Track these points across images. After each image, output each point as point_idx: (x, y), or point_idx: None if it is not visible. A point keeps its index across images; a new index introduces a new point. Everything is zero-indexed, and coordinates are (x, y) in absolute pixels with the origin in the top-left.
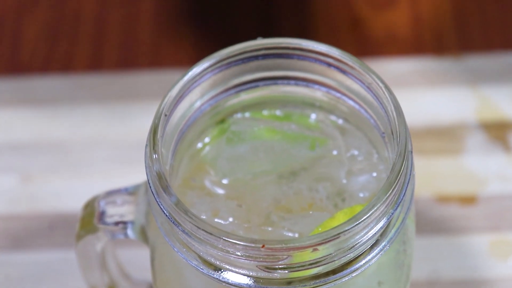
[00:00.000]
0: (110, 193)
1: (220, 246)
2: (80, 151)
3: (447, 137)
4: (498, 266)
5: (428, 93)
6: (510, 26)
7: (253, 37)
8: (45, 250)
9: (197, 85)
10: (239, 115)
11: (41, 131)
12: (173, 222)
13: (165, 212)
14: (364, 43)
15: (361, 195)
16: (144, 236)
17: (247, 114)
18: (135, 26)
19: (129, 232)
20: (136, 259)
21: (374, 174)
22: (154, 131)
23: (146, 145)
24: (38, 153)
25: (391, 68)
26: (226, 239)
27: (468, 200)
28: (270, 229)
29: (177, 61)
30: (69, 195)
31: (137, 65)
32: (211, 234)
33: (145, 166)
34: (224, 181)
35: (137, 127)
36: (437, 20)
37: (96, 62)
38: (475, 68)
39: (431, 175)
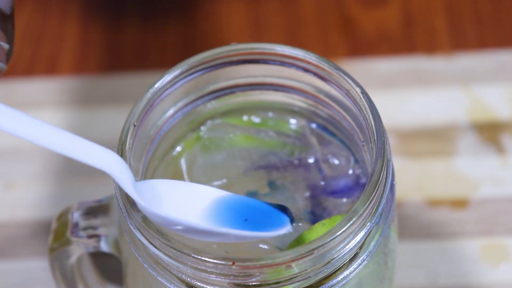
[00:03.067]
0: (83, 204)
1: (190, 263)
2: (63, 157)
3: (438, 138)
4: (490, 272)
5: (419, 93)
6: (503, 24)
7: (242, 37)
8: (26, 259)
9: (169, 92)
10: (215, 121)
11: None
12: (141, 238)
13: (133, 228)
14: (355, 43)
15: (342, 202)
16: (118, 249)
17: (223, 121)
18: (120, 28)
19: (103, 245)
20: (116, 268)
21: (355, 181)
22: (122, 142)
23: None
24: (21, 160)
25: (382, 68)
26: (195, 256)
27: (460, 203)
28: (245, 243)
29: (163, 64)
30: (52, 203)
31: (122, 67)
32: (180, 251)
33: (113, 180)
34: None
35: None
36: (429, 18)
37: (81, 65)
38: (468, 67)
39: (422, 178)
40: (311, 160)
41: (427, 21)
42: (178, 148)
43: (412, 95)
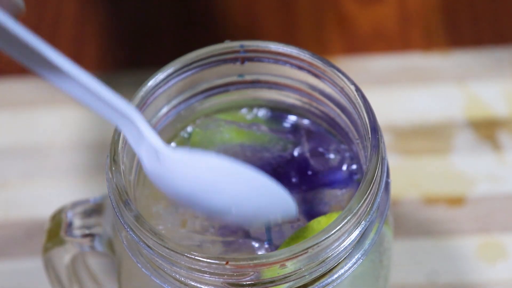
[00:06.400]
0: (77, 204)
1: (184, 262)
2: (58, 156)
3: (434, 136)
4: (486, 269)
5: (415, 91)
6: (499, 20)
7: (237, 35)
8: (21, 259)
9: (162, 91)
10: (208, 118)
11: (18, 136)
12: (135, 238)
13: (126, 227)
14: (351, 40)
15: (338, 197)
16: (111, 248)
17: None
18: (115, 26)
19: (97, 244)
20: (110, 267)
21: (350, 176)
22: (115, 142)
23: (107, 156)
24: (15, 158)
25: (378, 65)
26: (189, 255)
27: (456, 201)
28: (240, 240)
29: (158, 61)
30: (47, 202)
31: (117, 66)
32: (173, 251)
33: (106, 178)
34: None
35: None
36: (425, 15)
37: (76, 64)
38: (464, 64)
39: (418, 176)
40: (304, 155)
41: (423, 18)
42: (172, 146)
43: (408, 93)
